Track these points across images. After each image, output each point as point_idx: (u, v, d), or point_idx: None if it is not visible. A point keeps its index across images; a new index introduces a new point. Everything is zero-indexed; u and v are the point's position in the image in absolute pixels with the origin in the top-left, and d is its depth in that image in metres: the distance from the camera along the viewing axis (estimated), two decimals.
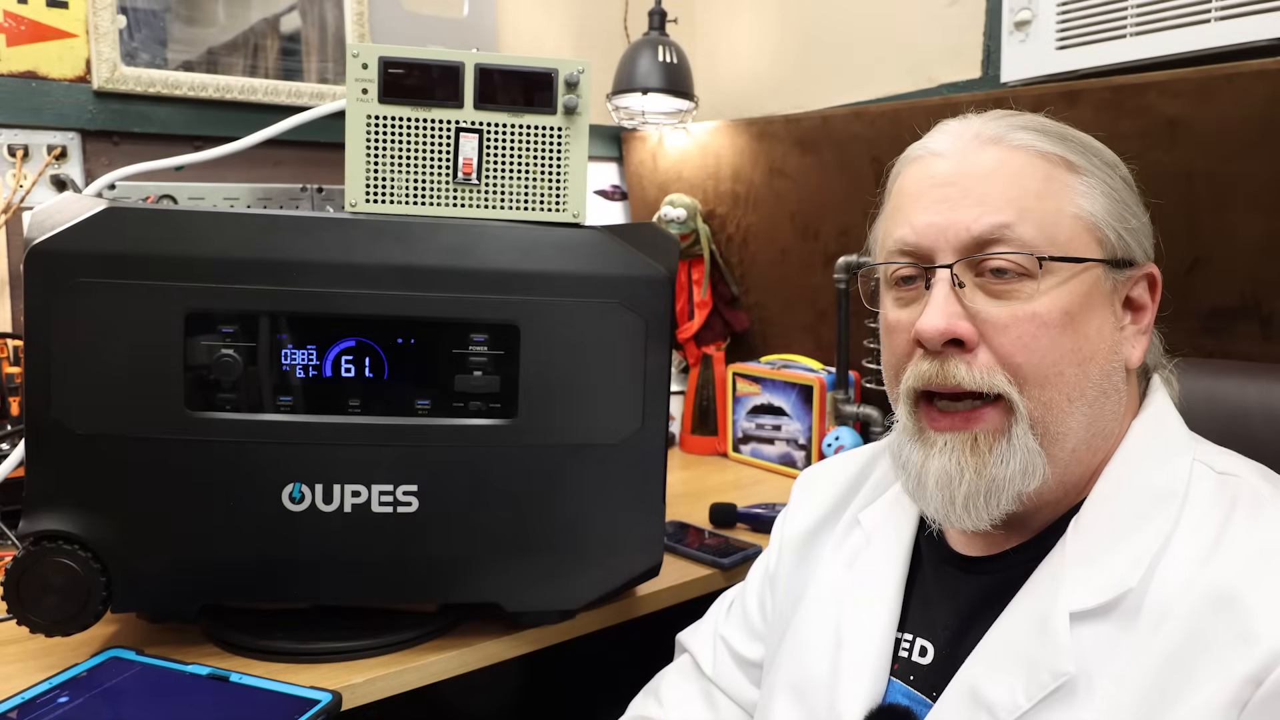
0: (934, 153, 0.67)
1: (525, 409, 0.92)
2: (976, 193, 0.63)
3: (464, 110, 0.93)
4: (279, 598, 0.95)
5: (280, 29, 1.63)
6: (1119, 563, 0.59)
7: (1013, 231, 0.61)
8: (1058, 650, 0.58)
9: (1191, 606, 0.56)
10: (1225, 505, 0.60)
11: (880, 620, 0.69)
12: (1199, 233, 1.15)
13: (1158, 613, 0.57)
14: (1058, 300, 0.61)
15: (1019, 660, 0.60)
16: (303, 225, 0.88)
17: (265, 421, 0.88)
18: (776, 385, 1.66)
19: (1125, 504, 0.62)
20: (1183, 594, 0.56)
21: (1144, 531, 0.60)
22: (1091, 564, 0.60)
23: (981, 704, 0.60)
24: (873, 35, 1.69)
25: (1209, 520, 0.59)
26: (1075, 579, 0.60)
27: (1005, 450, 0.61)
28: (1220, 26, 1.16)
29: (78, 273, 0.84)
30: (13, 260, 1.41)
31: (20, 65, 1.39)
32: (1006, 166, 0.63)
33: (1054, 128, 0.66)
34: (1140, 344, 0.66)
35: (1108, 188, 0.65)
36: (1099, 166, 0.65)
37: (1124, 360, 0.65)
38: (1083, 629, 0.58)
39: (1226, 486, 0.61)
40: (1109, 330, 0.64)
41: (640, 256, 0.94)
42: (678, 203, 1.77)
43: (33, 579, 0.84)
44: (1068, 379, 0.62)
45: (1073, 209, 0.63)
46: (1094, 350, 0.63)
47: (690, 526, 1.30)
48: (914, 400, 0.66)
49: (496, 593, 0.95)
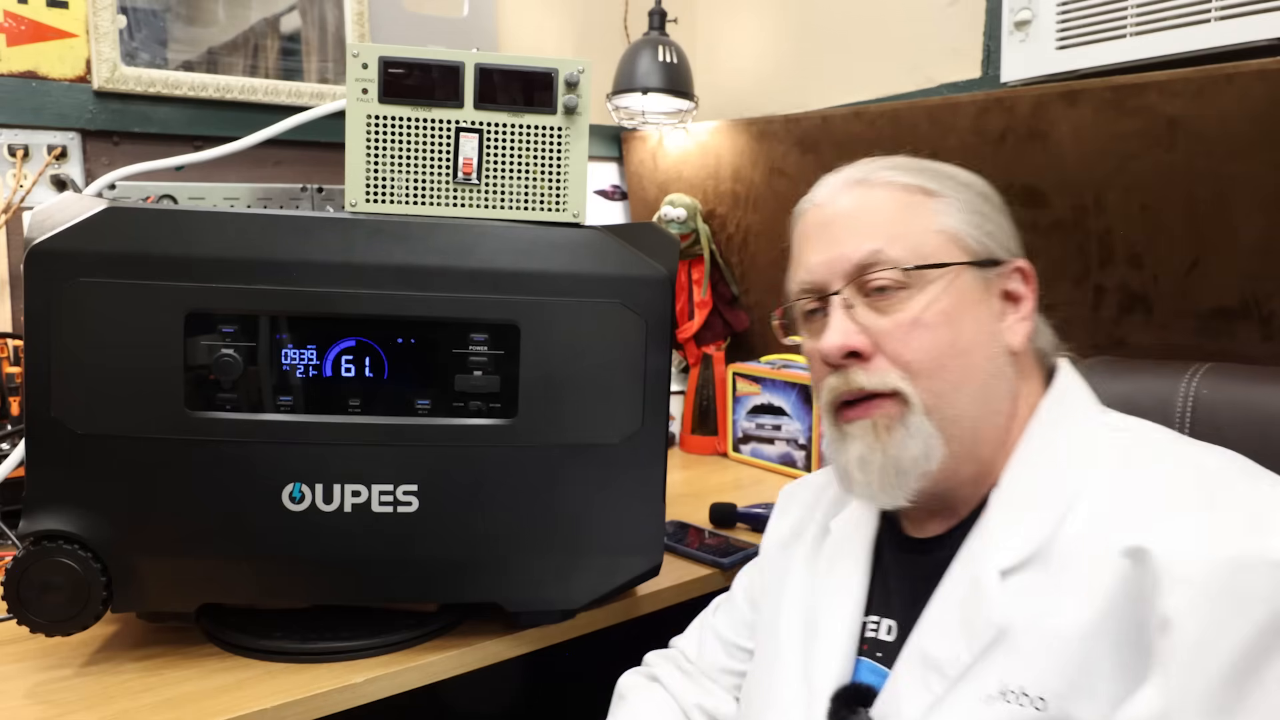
0: (815, 204, 0.79)
1: (525, 409, 0.92)
2: (850, 228, 0.75)
3: (464, 110, 0.93)
4: (279, 598, 0.95)
5: (280, 29, 1.63)
6: (1034, 521, 0.67)
7: (884, 254, 0.72)
8: (990, 606, 0.65)
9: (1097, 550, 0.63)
10: (1122, 455, 0.68)
11: (848, 606, 0.77)
12: (1199, 233, 1.15)
13: (1065, 559, 0.64)
14: (933, 303, 0.71)
15: (959, 620, 0.67)
16: (303, 225, 0.88)
17: (265, 421, 0.88)
18: (776, 385, 1.66)
19: (1037, 470, 0.70)
20: (1089, 540, 0.64)
21: (1053, 491, 0.68)
22: (1012, 527, 0.68)
23: (931, 664, 0.67)
24: (873, 35, 1.69)
25: (1108, 470, 0.67)
26: (999, 543, 0.68)
27: (904, 434, 0.71)
28: (1220, 26, 1.16)
29: (78, 273, 0.84)
30: (13, 260, 1.41)
31: (20, 65, 1.39)
32: (871, 201, 0.76)
33: (913, 163, 0.78)
34: (1022, 330, 0.75)
35: (961, 202, 0.75)
36: (954, 188, 0.76)
37: (1006, 346, 0.74)
38: (1009, 584, 0.66)
39: (1121, 440, 0.70)
40: (988, 321, 0.73)
41: (640, 256, 0.94)
42: (678, 203, 1.77)
43: (33, 579, 0.84)
44: (952, 369, 0.71)
45: (935, 226, 0.74)
46: (973, 341, 0.72)
47: (690, 526, 1.30)
48: (834, 412, 0.75)
49: (496, 593, 0.96)
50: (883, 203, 0.75)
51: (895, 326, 0.71)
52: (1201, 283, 1.16)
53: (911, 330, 0.71)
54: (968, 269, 0.73)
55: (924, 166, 0.78)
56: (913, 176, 0.76)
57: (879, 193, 0.76)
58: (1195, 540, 0.58)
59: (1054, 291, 1.29)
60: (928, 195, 0.75)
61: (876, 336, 0.72)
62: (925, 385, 0.71)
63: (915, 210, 0.74)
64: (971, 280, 0.73)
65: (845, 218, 0.76)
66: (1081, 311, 1.27)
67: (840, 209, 0.76)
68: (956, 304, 0.72)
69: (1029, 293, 0.76)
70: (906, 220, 0.74)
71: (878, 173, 0.77)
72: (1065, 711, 0.60)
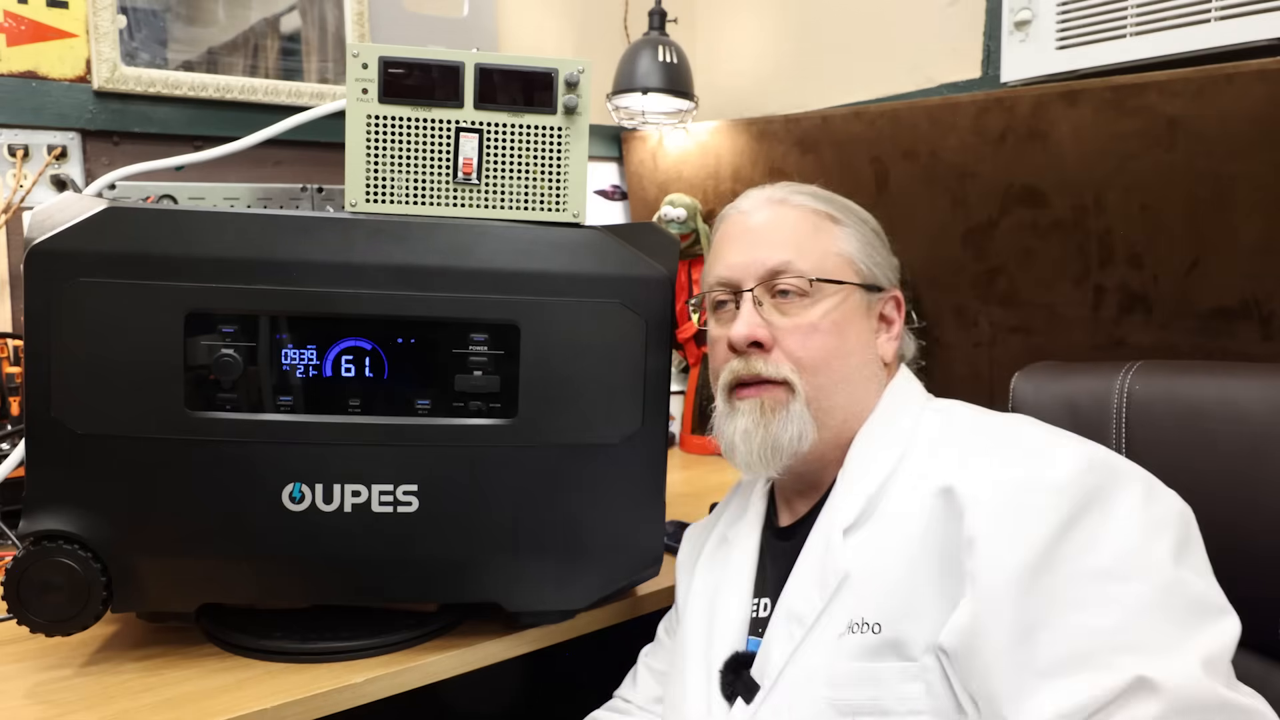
0: (741, 211, 0.90)
1: (525, 409, 0.92)
2: (768, 239, 0.87)
3: (464, 110, 0.93)
4: (279, 598, 0.95)
5: (280, 29, 1.63)
6: (868, 484, 0.79)
7: (793, 265, 0.85)
8: (836, 558, 0.77)
9: (914, 498, 0.75)
10: (940, 426, 0.81)
11: (737, 595, 0.87)
12: (1199, 233, 1.15)
13: (894, 506, 0.77)
14: (827, 312, 0.84)
15: (813, 576, 0.79)
16: (303, 225, 0.88)
17: (265, 421, 0.88)
18: None
19: (872, 445, 0.83)
20: (909, 492, 0.76)
21: (883, 459, 0.81)
22: (851, 492, 0.80)
23: (794, 616, 0.78)
24: (873, 35, 1.69)
25: (927, 439, 0.80)
26: (841, 506, 0.80)
27: (785, 418, 0.83)
28: (1220, 26, 1.16)
29: (78, 273, 0.84)
30: (13, 260, 1.41)
31: (20, 65, 1.39)
32: (788, 219, 0.88)
33: (823, 194, 0.91)
34: (891, 346, 0.89)
35: (860, 235, 0.89)
36: (855, 220, 0.90)
37: (879, 356, 0.88)
38: (850, 539, 0.77)
39: (940, 415, 0.83)
40: (866, 335, 0.87)
41: (640, 256, 0.94)
42: (678, 203, 1.77)
43: (33, 579, 0.84)
44: (834, 369, 0.84)
45: (835, 249, 0.87)
46: (853, 348, 0.86)
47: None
48: (729, 390, 0.87)
49: (496, 593, 0.96)
50: (797, 222, 0.88)
51: (795, 327, 0.84)
52: (1201, 283, 1.16)
53: (808, 332, 0.84)
54: (858, 289, 0.87)
55: (832, 198, 0.91)
56: (823, 204, 0.89)
57: (795, 213, 0.88)
58: (988, 473, 0.71)
59: (1054, 291, 1.30)
60: (834, 222, 0.88)
61: (777, 332, 0.84)
62: (811, 380, 0.83)
63: (822, 233, 0.87)
64: (859, 299, 0.87)
65: (764, 228, 0.88)
66: (1081, 311, 1.27)
67: (761, 220, 0.89)
68: (846, 316, 0.85)
69: (899, 317, 0.91)
70: (814, 239, 0.87)
71: (795, 196, 0.90)
72: (897, 632, 0.71)
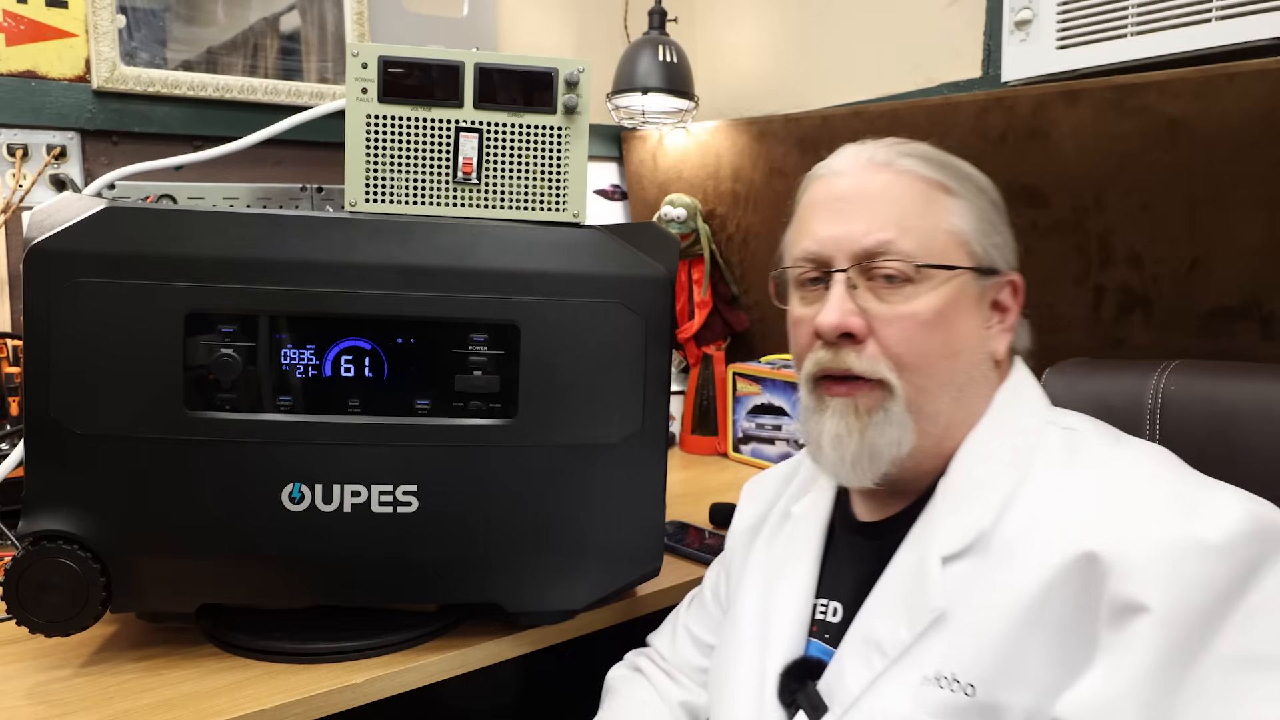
0: (834, 172, 0.78)
1: (525, 409, 0.92)
2: (866, 210, 0.74)
3: (464, 110, 0.93)
4: (279, 598, 0.95)
5: (280, 28, 1.63)
6: (977, 510, 0.69)
7: (895, 245, 0.72)
8: (931, 590, 0.68)
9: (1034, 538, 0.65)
10: (1067, 453, 0.70)
11: (799, 589, 0.79)
12: (1199, 233, 1.15)
13: (1007, 548, 0.66)
14: (932, 301, 0.72)
15: (902, 603, 0.70)
16: (303, 225, 0.88)
17: (265, 421, 0.88)
18: (777, 385, 1.66)
19: (983, 462, 0.72)
20: (1027, 530, 0.66)
21: (998, 482, 0.70)
22: (955, 514, 0.70)
23: (873, 644, 0.70)
24: (873, 35, 1.69)
25: (1052, 466, 0.69)
26: (943, 529, 0.70)
27: (882, 420, 0.72)
28: (1220, 26, 1.16)
29: (78, 273, 0.84)
30: (13, 260, 1.41)
31: (20, 65, 1.39)
32: (892, 188, 0.75)
33: (936, 155, 0.77)
34: (1004, 339, 0.77)
35: (977, 209, 0.75)
36: (971, 191, 0.76)
37: (990, 353, 0.76)
38: (951, 570, 0.68)
39: (1068, 439, 0.72)
40: (976, 328, 0.75)
41: (640, 256, 0.94)
42: (678, 202, 1.77)
43: (32, 579, 0.84)
44: (939, 368, 0.73)
45: (946, 226, 0.74)
46: (963, 344, 0.74)
47: (690, 526, 1.30)
48: (814, 382, 0.76)
49: (496, 593, 0.95)
50: (903, 191, 0.74)
51: (895, 317, 0.72)
52: (1201, 283, 1.16)
53: (910, 325, 0.72)
54: (971, 275, 0.74)
55: (946, 161, 0.77)
56: (936, 170, 0.75)
57: (901, 181, 0.75)
58: (1134, 530, 0.61)
59: (1054, 291, 1.30)
60: (947, 193, 0.75)
61: (874, 321, 0.73)
62: (911, 379, 0.72)
63: (933, 206, 0.74)
64: (971, 286, 0.74)
65: (862, 197, 0.75)
66: (1081, 311, 1.27)
67: (857, 186, 0.75)
68: (955, 307, 0.73)
69: (1015, 306, 0.78)
70: (923, 214, 0.74)
71: (901, 159, 0.76)
72: (993, 698, 0.62)
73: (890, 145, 0.77)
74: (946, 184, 0.75)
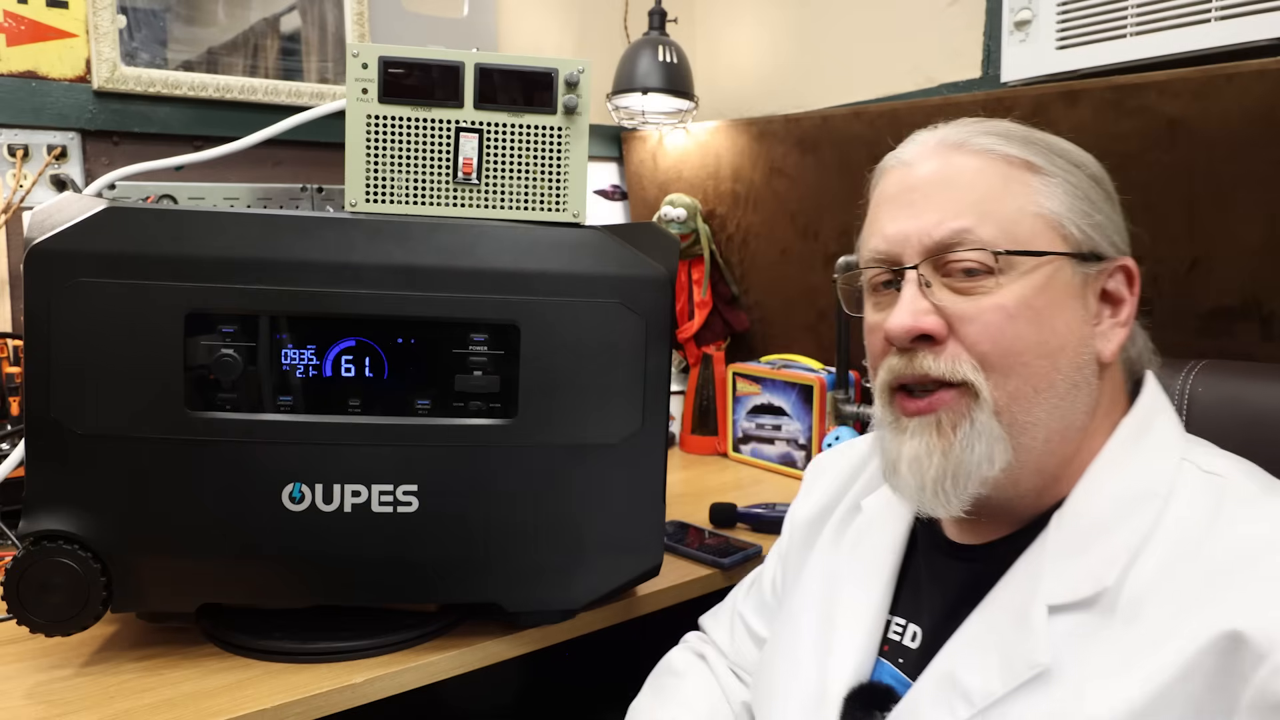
0: (903, 162, 0.70)
1: (525, 409, 0.92)
2: (937, 199, 0.66)
3: (464, 110, 0.93)
4: (279, 598, 0.95)
5: (280, 29, 1.63)
6: (1098, 559, 0.60)
7: (972, 234, 0.64)
8: (1034, 641, 0.59)
9: (1168, 601, 0.57)
10: (1210, 504, 0.60)
11: (872, 601, 0.72)
12: (1199, 233, 1.15)
13: (1132, 609, 0.58)
14: (1020, 292, 0.63)
15: (996, 648, 0.61)
16: (303, 225, 0.88)
17: (265, 421, 0.88)
18: (776, 385, 1.66)
19: (1108, 500, 0.63)
20: (1158, 590, 0.58)
21: (1125, 528, 0.61)
22: (1071, 559, 0.61)
23: (958, 688, 0.61)
24: (873, 35, 1.69)
25: (1192, 519, 0.60)
26: (1054, 572, 0.61)
27: (969, 433, 0.63)
28: (1220, 26, 1.16)
29: (78, 273, 0.84)
30: (13, 260, 1.41)
31: (20, 65, 1.39)
32: (966, 171, 0.66)
33: (1019, 131, 0.69)
34: (1116, 337, 0.67)
35: (1070, 186, 0.66)
36: (1062, 166, 0.67)
37: (1096, 354, 0.66)
38: (1059, 621, 0.59)
39: (1212, 486, 0.62)
40: (1078, 323, 0.65)
41: (640, 256, 0.94)
42: (678, 203, 1.77)
43: (33, 579, 0.84)
44: (1034, 370, 0.63)
45: (1033, 207, 0.65)
46: (1062, 343, 0.64)
47: (690, 526, 1.30)
48: (889, 394, 0.68)
49: (496, 593, 0.95)
50: (979, 173, 0.66)
51: (977, 312, 0.63)
52: (1201, 283, 1.16)
53: (994, 319, 0.63)
54: (1067, 261, 0.65)
55: (1031, 137, 0.69)
56: (1017, 147, 0.67)
57: (976, 161, 0.66)
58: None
59: None
60: (1032, 171, 0.66)
61: (953, 319, 0.64)
62: (1000, 382, 0.63)
63: (1015, 186, 0.65)
64: (1069, 274, 0.65)
65: (933, 185, 0.66)
66: None
67: (928, 174, 0.67)
68: (1047, 297, 0.64)
69: (1131, 296, 0.68)
70: (1003, 197, 0.65)
71: (977, 137, 0.67)
72: None
73: (966, 124, 0.69)
74: (1032, 161, 0.66)
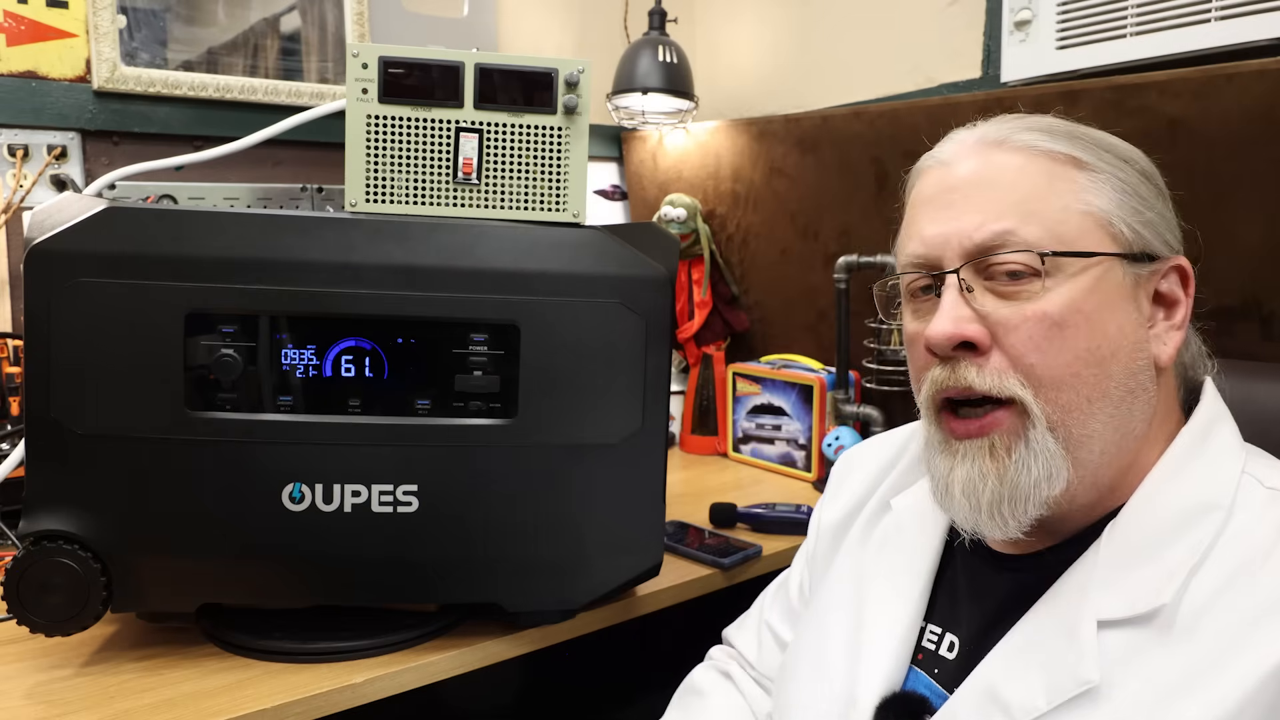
0: (941, 162, 0.67)
1: (525, 409, 0.92)
2: (978, 199, 0.63)
3: (464, 110, 0.93)
4: (279, 598, 0.95)
5: (280, 29, 1.63)
6: (1153, 575, 0.58)
7: (1015, 235, 0.61)
8: (1083, 657, 0.57)
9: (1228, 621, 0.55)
10: (1273, 524, 0.58)
11: (906, 608, 0.69)
12: (1199, 233, 1.14)
13: (1189, 627, 0.55)
14: (1068, 296, 0.60)
15: (1041, 663, 0.59)
16: (303, 225, 0.88)
17: (265, 421, 0.88)
18: (776, 385, 1.66)
19: (1164, 513, 0.60)
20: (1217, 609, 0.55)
21: (1181, 544, 0.58)
22: (1124, 573, 0.59)
23: (999, 703, 0.59)
24: (873, 35, 1.69)
25: (1253, 536, 0.58)
26: (1106, 586, 0.59)
27: (1024, 454, 0.60)
28: (1220, 26, 1.16)
29: (78, 273, 0.84)
30: (13, 260, 1.41)
31: (20, 65, 1.39)
32: (1008, 169, 0.63)
33: (1063, 127, 0.66)
34: (1173, 340, 0.64)
35: (1119, 182, 0.63)
36: (1110, 162, 0.64)
37: (1152, 358, 0.63)
38: (1109, 637, 0.57)
39: (1275, 503, 0.59)
40: (1132, 327, 0.62)
41: (640, 256, 0.94)
42: (678, 203, 1.77)
43: (33, 579, 0.84)
44: (1085, 380, 0.60)
45: (1080, 205, 0.62)
46: (1114, 348, 0.61)
47: (690, 526, 1.30)
48: (936, 410, 0.65)
49: (496, 593, 0.95)
50: (1021, 171, 0.62)
51: (1022, 320, 0.60)
52: (1201, 283, 1.16)
53: (1040, 327, 0.59)
54: (1117, 262, 0.61)
55: (1077, 132, 0.65)
56: (1062, 143, 0.63)
57: (1018, 158, 0.63)
58: None
59: None
60: (1078, 167, 0.62)
61: (996, 327, 0.61)
62: (1051, 396, 0.60)
63: (1060, 183, 0.62)
64: (1120, 276, 0.62)
65: (972, 185, 0.63)
66: None
67: (968, 173, 0.64)
68: (1097, 300, 0.60)
69: (1185, 298, 0.65)
70: (1047, 195, 0.62)
71: (1019, 134, 0.64)
72: None
73: (1006, 121, 0.66)
74: (1078, 157, 0.63)
